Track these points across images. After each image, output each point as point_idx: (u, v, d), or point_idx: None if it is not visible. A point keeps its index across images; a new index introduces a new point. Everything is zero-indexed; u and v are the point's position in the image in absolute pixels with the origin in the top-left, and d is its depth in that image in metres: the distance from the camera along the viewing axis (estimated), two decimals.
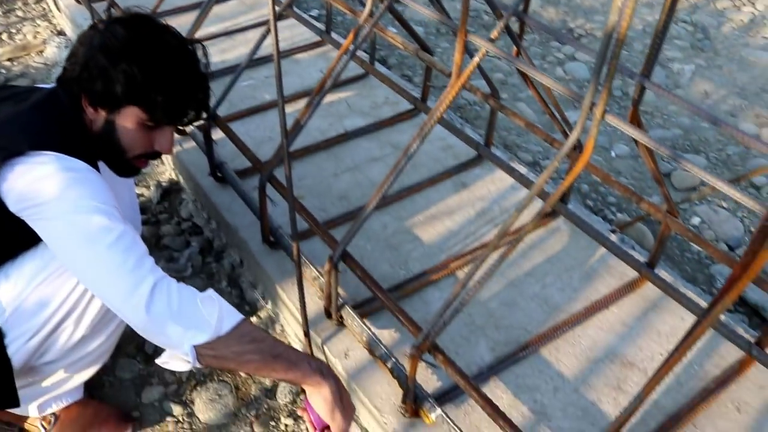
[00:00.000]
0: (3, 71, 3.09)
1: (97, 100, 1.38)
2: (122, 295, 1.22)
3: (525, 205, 1.22)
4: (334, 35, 2.82)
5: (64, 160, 1.27)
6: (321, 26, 2.87)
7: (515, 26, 1.83)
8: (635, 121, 1.21)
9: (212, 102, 1.60)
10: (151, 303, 1.21)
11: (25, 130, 1.30)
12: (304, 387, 1.33)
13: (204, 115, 1.53)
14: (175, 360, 1.27)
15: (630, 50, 3.55)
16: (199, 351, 1.24)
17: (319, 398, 1.30)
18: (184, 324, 1.22)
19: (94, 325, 1.45)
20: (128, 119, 1.39)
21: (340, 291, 1.72)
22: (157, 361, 1.29)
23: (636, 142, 1.30)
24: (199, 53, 1.48)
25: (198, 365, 1.26)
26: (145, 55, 1.36)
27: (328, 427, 1.34)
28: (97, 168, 1.34)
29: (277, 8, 2.23)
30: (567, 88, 1.23)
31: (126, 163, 1.48)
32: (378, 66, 2.72)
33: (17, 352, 1.36)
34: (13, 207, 1.27)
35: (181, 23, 2.95)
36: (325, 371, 1.32)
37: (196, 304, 1.25)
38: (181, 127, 1.51)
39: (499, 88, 3.11)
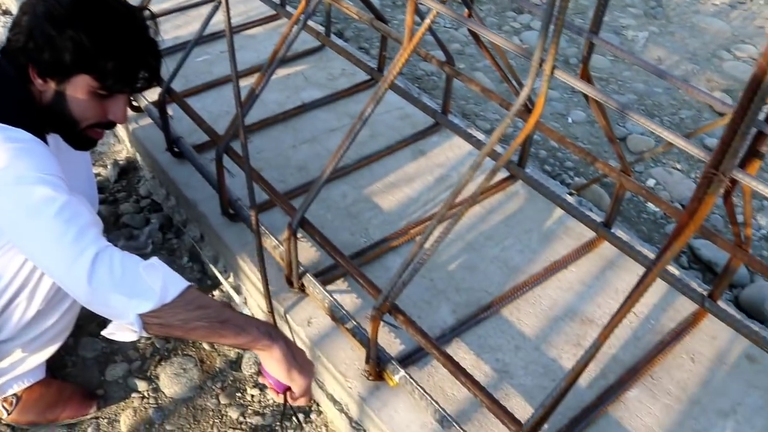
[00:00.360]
0: None
1: (46, 70, 1.34)
2: (63, 267, 1.19)
3: (478, 163, 1.23)
4: (289, 9, 2.79)
5: (7, 131, 1.23)
6: (276, 0, 2.84)
7: None
8: (585, 77, 1.23)
9: (164, 72, 1.58)
10: (93, 273, 1.17)
11: None
12: (255, 352, 1.32)
13: (156, 81, 1.50)
14: (122, 330, 1.23)
15: (585, 18, 3.58)
16: (145, 320, 1.20)
17: (272, 361, 1.28)
18: (128, 293, 1.19)
19: (48, 301, 1.44)
20: (79, 88, 1.35)
21: (302, 260, 1.73)
22: (104, 332, 1.25)
23: (587, 99, 1.33)
24: (147, 19, 1.45)
25: (144, 334, 1.22)
26: (93, 21, 1.33)
27: (289, 389, 1.34)
28: (44, 140, 1.31)
29: None
30: (517, 45, 1.24)
31: (80, 135, 1.44)
32: (334, 38, 2.70)
33: None
34: None
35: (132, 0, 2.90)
36: (273, 333, 1.29)
37: (139, 273, 1.21)
38: (133, 96, 1.49)
39: (456, 58, 3.12)
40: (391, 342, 1.63)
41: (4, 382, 1.56)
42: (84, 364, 1.79)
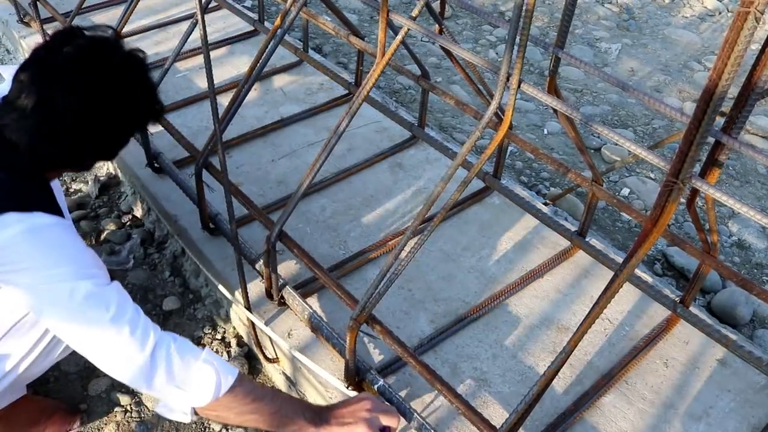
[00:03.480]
0: None
1: (62, 166, 1.39)
2: (122, 365, 1.22)
3: (449, 175, 1.27)
4: (267, 24, 2.83)
5: (30, 219, 1.20)
6: (254, 16, 2.87)
7: (437, 6, 1.88)
8: (552, 90, 1.27)
9: None
10: (152, 372, 1.21)
11: None
12: None
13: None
14: (175, 413, 1.30)
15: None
16: (199, 411, 1.29)
17: None
18: (184, 388, 1.24)
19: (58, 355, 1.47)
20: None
21: (282, 273, 1.75)
22: (157, 410, 1.32)
23: (556, 113, 1.36)
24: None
25: (196, 418, 1.31)
26: (104, 120, 1.31)
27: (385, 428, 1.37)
28: (60, 211, 1.29)
29: None
30: (485, 60, 1.28)
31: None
32: (313, 54, 2.74)
33: None
34: None
35: (111, 16, 2.93)
36: (317, 419, 1.33)
37: (193, 369, 1.25)
38: None
39: (433, 72, 3.17)
40: (370, 352, 1.65)
41: None
42: (66, 379, 1.79)
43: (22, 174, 1.28)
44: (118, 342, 1.20)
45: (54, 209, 1.26)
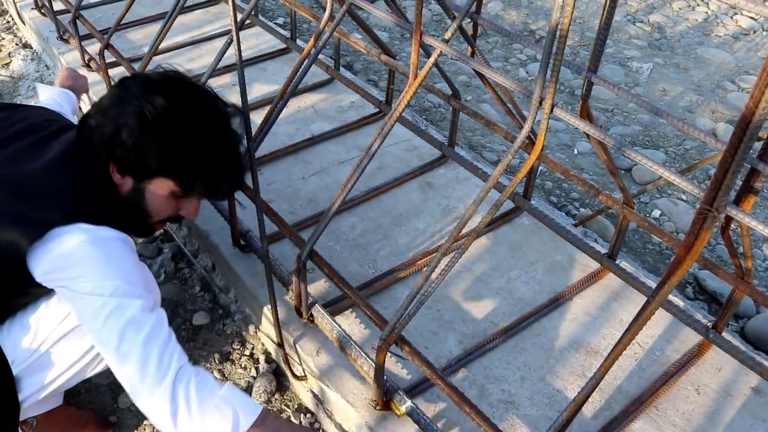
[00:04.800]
0: None
1: (128, 170, 1.35)
2: (144, 395, 1.22)
3: (481, 198, 1.27)
4: (299, 42, 2.86)
5: (95, 231, 1.25)
6: (286, 33, 2.91)
7: (469, 27, 1.89)
8: (585, 114, 1.27)
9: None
10: (175, 413, 1.21)
11: (58, 199, 1.27)
12: None
13: (239, 189, 1.56)
14: None
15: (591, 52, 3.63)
16: None
17: None
18: (204, 426, 1.23)
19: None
20: (159, 189, 1.37)
21: (311, 291, 1.76)
22: None
23: (588, 136, 1.36)
24: (236, 122, 1.48)
25: None
26: (185, 132, 1.33)
27: None
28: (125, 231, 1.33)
29: (239, 16, 2.27)
30: (518, 83, 1.28)
31: (147, 227, 1.46)
32: (344, 71, 2.76)
33: (28, 398, 1.40)
34: (39, 276, 1.26)
35: (147, 33, 2.98)
36: None
37: (213, 407, 1.23)
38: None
39: (463, 91, 3.17)
40: (398, 372, 1.65)
41: (28, 407, 1.59)
42: (97, 390, 1.82)
43: (104, 192, 1.34)
44: (145, 371, 1.21)
45: (121, 227, 1.31)
